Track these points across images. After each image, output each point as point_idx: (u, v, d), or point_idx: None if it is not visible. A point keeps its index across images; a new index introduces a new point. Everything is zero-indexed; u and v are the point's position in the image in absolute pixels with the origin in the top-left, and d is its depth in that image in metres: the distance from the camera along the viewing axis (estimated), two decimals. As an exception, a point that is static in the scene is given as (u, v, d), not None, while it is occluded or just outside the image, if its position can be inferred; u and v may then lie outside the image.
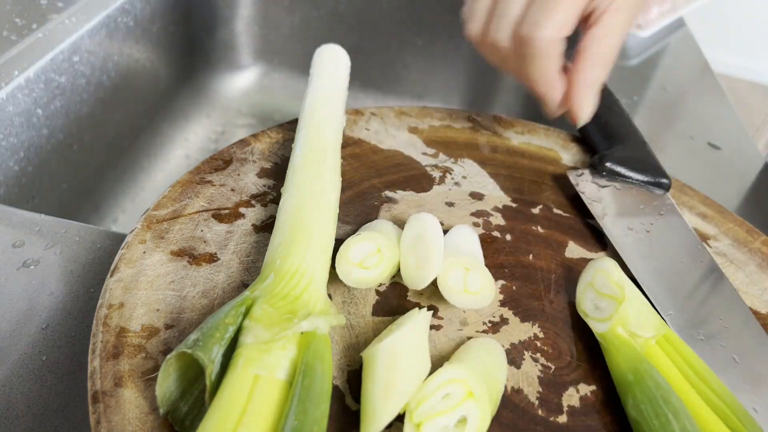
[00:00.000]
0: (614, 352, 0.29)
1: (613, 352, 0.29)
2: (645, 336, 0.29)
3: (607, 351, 0.30)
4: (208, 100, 0.79)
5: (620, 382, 0.28)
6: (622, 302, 0.29)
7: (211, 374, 0.24)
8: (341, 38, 0.80)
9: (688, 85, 0.67)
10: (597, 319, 0.30)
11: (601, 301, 0.31)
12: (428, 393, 0.25)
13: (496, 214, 0.40)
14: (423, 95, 0.83)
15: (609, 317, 0.29)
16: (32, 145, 0.51)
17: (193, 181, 0.37)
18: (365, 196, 0.39)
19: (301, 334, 0.26)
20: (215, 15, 0.78)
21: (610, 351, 0.29)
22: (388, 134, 0.45)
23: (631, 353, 0.28)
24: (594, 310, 0.31)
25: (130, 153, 0.67)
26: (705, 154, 0.56)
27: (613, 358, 0.29)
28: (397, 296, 0.33)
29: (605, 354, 0.30)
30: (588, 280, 0.32)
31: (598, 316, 0.30)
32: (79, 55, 0.55)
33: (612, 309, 0.29)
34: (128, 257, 0.31)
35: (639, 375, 0.27)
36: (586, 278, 0.32)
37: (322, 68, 0.42)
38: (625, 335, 0.29)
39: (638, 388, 0.27)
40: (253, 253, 0.34)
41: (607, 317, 0.29)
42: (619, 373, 0.28)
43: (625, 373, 0.28)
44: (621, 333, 0.29)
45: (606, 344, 0.29)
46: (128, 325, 0.28)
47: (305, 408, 0.23)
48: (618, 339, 0.29)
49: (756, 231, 0.42)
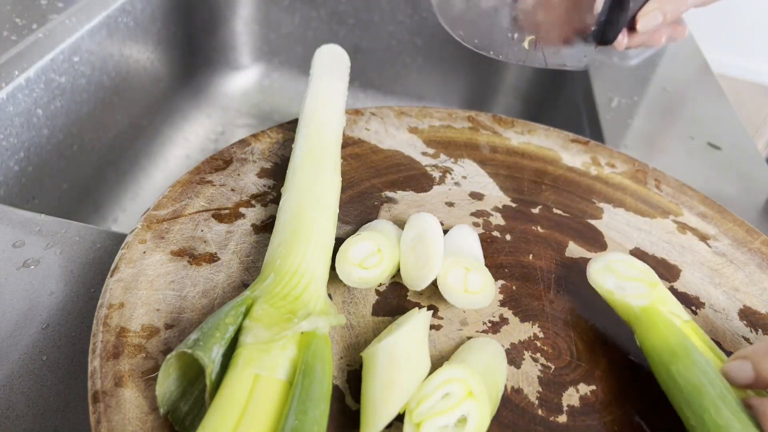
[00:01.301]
0: (652, 327, 0.31)
1: (651, 327, 0.31)
2: (683, 317, 0.31)
3: (643, 325, 0.31)
4: (208, 100, 0.80)
5: (659, 353, 0.30)
6: (657, 285, 0.31)
7: (211, 374, 0.24)
8: (341, 38, 0.81)
9: (688, 85, 0.67)
10: (631, 296, 0.32)
11: (627, 283, 0.32)
12: (428, 392, 0.25)
13: (496, 214, 0.40)
14: (423, 95, 0.83)
15: (645, 295, 0.31)
16: (32, 145, 0.52)
17: (193, 181, 0.37)
18: (365, 196, 0.39)
19: (301, 334, 0.26)
20: (215, 15, 0.78)
21: (647, 326, 0.31)
22: (388, 134, 0.45)
23: (672, 329, 0.30)
24: (620, 290, 0.32)
25: (130, 153, 0.67)
26: (705, 154, 0.56)
27: (650, 333, 0.31)
28: (397, 296, 0.33)
29: (638, 329, 0.31)
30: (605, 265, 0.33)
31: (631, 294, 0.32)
32: (79, 55, 0.55)
33: (644, 290, 0.32)
34: (128, 257, 0.31)
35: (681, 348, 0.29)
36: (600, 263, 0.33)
37: (322, 68, 0.42)
38: (666, 313, 0.31)
39: (680, 359, 0.29)
40: (253, 253, 0.34)
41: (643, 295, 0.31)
42: (657, 345, 0.30)
43: (664, 346, 0.30)
44: (662, 310, 0.31)
45: (645, 318, 0.31)
46: (128, 324, 0.28)
47: (305, 408, 0.23)
48: (658, 315, 0.31)
49: (756, 231, 0.42)
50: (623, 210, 0.43)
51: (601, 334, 0.34)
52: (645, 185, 0.45)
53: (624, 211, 0.43)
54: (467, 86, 0.82)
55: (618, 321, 0.34)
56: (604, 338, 0.34)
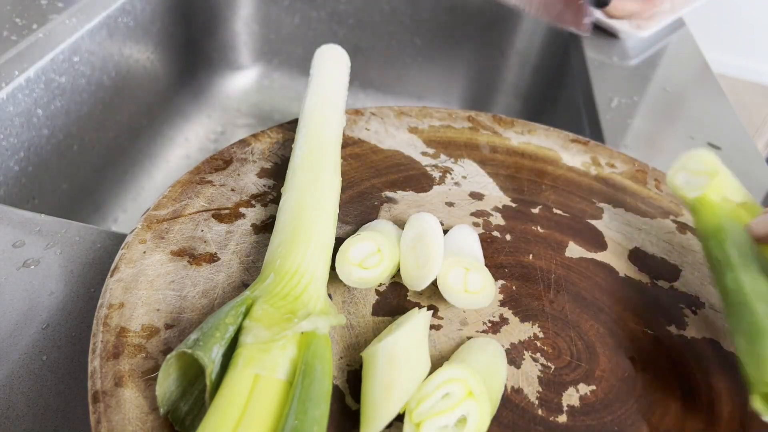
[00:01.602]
0: (706, 213, 0.35)
1: (705, 212, 0.35)
2: (734, 201, 0.35)
3: (698, 212, 0.36)
4: (208, 100, 0.80)
5: (704, 236, 0.35)
6: (716, 176, 0.35)
7: (211, 374, 0.24)
8: (341, 38, 0.81)
9: (688, 85, 0.67)
10: (691, 189, 0.36)
11: (694, 178, 0.37)
12: (428, 392, 0.25)
13: (496, 214, 0.40)
14: (423, 95, 0.83)
15: (704, 187, 0.36)
16: (32, 145, 0.52)
17: (194, 181, 0.37)
18: (365, 196, 0.39)
19: (301, 333, 0.26)
20: (215, 15, 0.78)
21: (702, 212, 0.36)
22: (388, 134, 0.45)
23: (716, 213, 0.35)
24: (686, 184, 0.37)
25: (130, 153, 0.68)
26: (705, 154, 0.56)
27: (704, 217, 0.35)
28: (397, 296, 0.33)
29: (695, 216, 0.36)
30: (681, 165, 0.38)
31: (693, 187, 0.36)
32: (79, 55, 0.55)
33: (706, 181, 0.36)
34: (128, 257, 0.31)
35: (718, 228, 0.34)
36: (678, 164, 0.38)
37: (322, 68, 0.42)
38: (717, 200, 0.35)
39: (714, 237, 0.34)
40: (253, 253, 0.34)
41: (701, 186, 0.36)
42: (702, 228, 0.35)
43: (708, 228, 0.34)
44: (713, 198, 0.35)
45: (700, 207, 0.36)
46: (128, 324, 0.28)
47: (305, 408, 0.23)
48: (711, 203, 0.35)
49: (756, 231, 0.42)
50: (623, 210, 0.43)
51: (601, 333, 0.34)
52: (645, 185, 0.45)
53: (624, 211, 0.43)
54: (467, 86, 0.82)
55: (618, 319, 0.34)
56: (604, 338, 0.34)
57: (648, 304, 0.36)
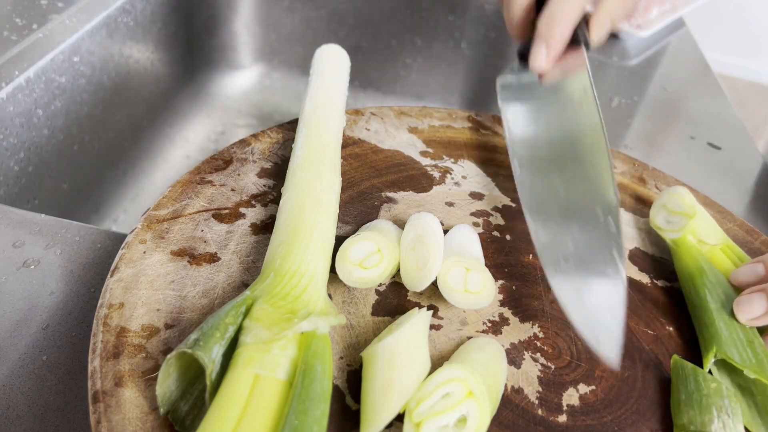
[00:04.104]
0: (684, 254, 0.37)
1: (684, 254, 0.37)
2: (710, 243, 0.37)
3: (676, 254, 0.38)
4: (208, 100, 0.80)
5: (686, 274, 0.36)
6: (693, 217, 0.37)
7: (211, 374, 0.24)
8: (341, 38, 0.81)
9: (688, 85, 0.67)
10: (670, 230, 0.38)
11: (673, 218, 0.38)
12: (428, 392, 0.25)
13: (496, 214, 0.40)
14: (423, 95, 0.83)
15: (681, 228, 0.37)
16: (32, 145, 0.52)
17: (194, 181, 0.37)
18: (365, 196, 0.39)
19: (301, 333, 0.26)
20: (215, 15, 0.78)
21: (680, 253, 0.37)
22: (388, 134, 0.45)
23: (698, 255, 0.36)
24: (666, 224, 0.39)
25: (130, 153, 0.67)
26: (705, 154, 0.56)
27: (682, 259, 0.37)
28: (397, 296, 0.33)
29: (675, 256, 0.38)
30: (662, 203, 0.39)
31: (672, 228, 0.38)
32: (79, 55, 0.55)
33: (684, 222, 0.37)
34: (128, 257, 0.31)
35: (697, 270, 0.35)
36: (659, 202, 0.40)
37: (322, 68, 0.42)
38: (694, 242, 0.37)
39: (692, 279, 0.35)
40: (253, 253, 0.34)
41: (679, 228, 0.38)
42: (687, 268, 0.36)
43: (691, 268, 0.36)
44: (691, 240, 0.37)
45: (677, 248, 0.38)
46: (128, 324, 0.28)
47: (305, 408, 0.23)
48: (688, 244, 0.37)
49: (756, 231, 0.42)
50: (623, 210, 0.43)
51: (601, 334, 0.34)
52: (645, 185, 0.45)
53: (624, 211, 0.43)
54: (467, 86, 0.82)
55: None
56: (604, 338, 0.34)
57: (648, 304, 0.36)
